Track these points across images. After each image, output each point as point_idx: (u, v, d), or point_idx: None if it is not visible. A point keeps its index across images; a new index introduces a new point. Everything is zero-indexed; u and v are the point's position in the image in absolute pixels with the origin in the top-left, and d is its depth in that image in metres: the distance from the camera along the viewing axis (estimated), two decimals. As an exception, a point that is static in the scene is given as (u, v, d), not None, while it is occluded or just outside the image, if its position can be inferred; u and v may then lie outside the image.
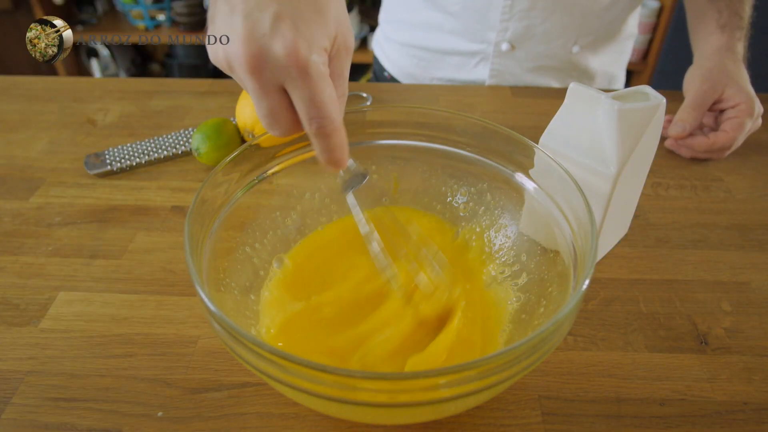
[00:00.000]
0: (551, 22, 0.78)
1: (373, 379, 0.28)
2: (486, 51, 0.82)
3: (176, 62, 2.07)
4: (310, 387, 0.29)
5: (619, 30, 0.84)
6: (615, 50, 0.87)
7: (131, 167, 0.62)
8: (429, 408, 0.31)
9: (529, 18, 0.78)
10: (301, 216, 0.49)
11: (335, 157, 0.34)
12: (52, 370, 0.41)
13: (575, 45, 0.81)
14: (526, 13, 0.77)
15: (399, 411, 0.32)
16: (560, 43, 0.81)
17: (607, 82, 0.89)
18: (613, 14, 0.80)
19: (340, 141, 0.33)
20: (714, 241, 0.54)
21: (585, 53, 0.83)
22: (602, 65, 0.87)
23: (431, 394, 0.29)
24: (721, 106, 0.65)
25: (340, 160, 0.34)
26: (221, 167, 0.40)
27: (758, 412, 0.39)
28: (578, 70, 0.85)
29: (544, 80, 0.86)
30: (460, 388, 0.29)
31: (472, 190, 0.49)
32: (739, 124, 0.63)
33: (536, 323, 0.39)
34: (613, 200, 0.45)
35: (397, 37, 0.90)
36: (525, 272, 0.44)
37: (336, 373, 0.28)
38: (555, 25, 0.79)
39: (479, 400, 0.35)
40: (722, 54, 0.68)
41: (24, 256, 0.51)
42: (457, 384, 0.29)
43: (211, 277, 0.38)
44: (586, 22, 0.79)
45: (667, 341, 0.44)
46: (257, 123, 0.59)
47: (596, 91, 0.43)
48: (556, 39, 0.80)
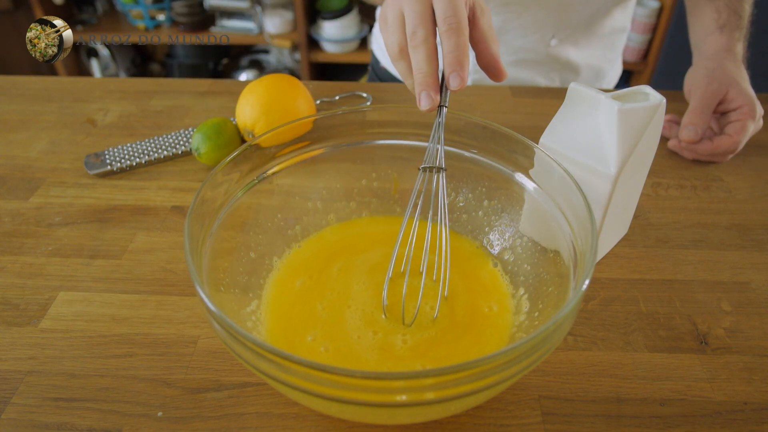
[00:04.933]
0: (527, 16, 0.79)
1: (373, 379, 0.28)
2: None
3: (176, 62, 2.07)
4: (310, 387, 0.29)
5: (602, 24, 0.83)
6: (601, 44, 0.86)
7: (131, 167, 0.62)
8: (429, 408, 0.31)
9: (506, 12, 0.79)
10: (302, 216, 0.49)
11: (459, 56, 0.40)
12: (52, 370, 0.41)
13: (553, 38, 0.81)
14: (503, 8, 0.78)
15: (399, 411, 0.32)
16: (537, 37, 0.81)
17: (594, 76, 0.89)
18: (592, 8, 0.79)
19: (464, 42, 0.40)
20: (714, 241, 0.54)
21: (565, 47, 0.83)
22: (586, 59, 0.86)
23: (431, 394, 0.29)
24: (724, 108, 0.65)
25: (462, 62, 0.40)
26: (221, 167, 0.40)
27: (758, 412, 0.39)
28: (560, 64, 0.85)
29: (526, 74, 0.86)
30: (460, 388, 0.29)
31: (472, 190, 0.49)
32: (742, 127, 0.63)
33: (536, 323, 0.39)
34: (613, 200, 0.45)
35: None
36: (525, 272, 0.44)
37: (336, 373, 0.28)
38: (531, 19, 0.79)
39: (479, 400, 0.35)
40: (722, 55, 0.68)
41: (24, 256, 0.51)
42: (457, 384, 0.29)
43: (211, 277, 0.38)
44: (563, 16, 0.79)
45: (667, 341, 0.44)
46: (257, 123, 0.59)
47: (596, 91, 0.43)
48: (533, 33, 0.81)
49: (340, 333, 0.40)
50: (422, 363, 0.38)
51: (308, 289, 0.44)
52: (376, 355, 0.39)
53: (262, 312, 0.42)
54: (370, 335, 0.40)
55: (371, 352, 0.39)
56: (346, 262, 0.46)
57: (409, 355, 0.39)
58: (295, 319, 0.42)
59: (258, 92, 0.60)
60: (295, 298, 0.43)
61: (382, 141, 0.49)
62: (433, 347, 0.39)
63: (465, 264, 0.47)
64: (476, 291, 0.44)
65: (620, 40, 0.90)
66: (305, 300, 0.43)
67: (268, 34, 1.90)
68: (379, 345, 0.39)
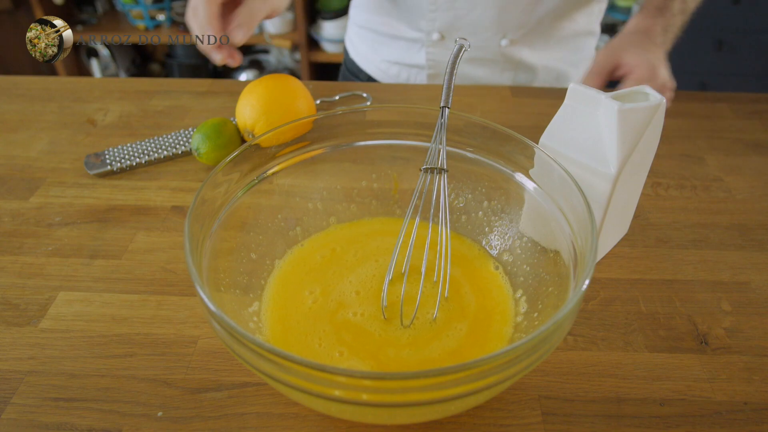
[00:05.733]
0: (476, 13, 0.79)
1: (373, 379, 0.28)
2: (423, 39, 0.84)
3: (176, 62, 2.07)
4: (310, 387, 0.29)
5: (560, 27, 0.83)
6: (561, 47, 0.85)
7: (131, 167, 0.62)
8: (429, 408, 0.31)
9: (455, 9, 0.79)
10: (302, 216, 0.49)
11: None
12: (52, 370, 0.41)
13: (504, 38, 0.81)
14: (451, 4, 0.79)
15: (399, 411, 0.32)
16: (488, 36, 0.81)
17: (554, 78, 0.88)
18: (543, 10, 0.79)
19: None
20: (714, 241, 0.54)
21: (519, 47, 0.83)
22: (544, 61, 0.86)
23: (431, 394, 0.29)
24: (622, 73, 0.64)
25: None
26: (221, 167, 0.40)
27: (758, 412, 0.39)
28: (513, 63, 0.85)
29: (481, 72, 0.86)
30: (460, 388, 0.29)
31: (472, 191, 0.49)
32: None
33: (536, 323, 0.39)
34: (613, 200, 0.45)
35: (357, 20, 0.94)
36: (525, 272, 0.44)
37: (336, 373, 0.28)
38: (480, 17, 0.80)
39: (479, 400, 0.35)
40: (633, 34, 0.67)
41: (24, 256, 0.51)
42: (457, 384, 0.29)
43: (211, 277, 0.38)
44: (512, 17, 0.79)
45: (667, 341, 0.44)
46: (257, 123, 0.59)
47: (596, 91, 0.43)
48: (483, 31, 0.81)
49: (341, 334, 0.40)
50: (422, 363, 0.38)
51: (309, 290, 0.44)
52: (376, 355, 0.39)
53: (263, 313, 0.42)
54: (370, 335, 0.40)
55: (371, 351, 0.39)
56: (347, 263, 0.46)
57: (409, 355, 0.39)
58: (296, 320, 0.42)
59: (258, 92, 0.60)
60: (296, 299, 0.43)
61: (382, 141, 0.49)
62: (433, 347, 0.39)
63: (465, 264, 0.47)
64: (476, 291, 0.44)
65: (586, 44, 0.89)
66: (306, 301, 0.43)
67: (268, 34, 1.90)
68: (379, 345, 0.39)
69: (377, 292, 0.43)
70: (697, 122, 0.74)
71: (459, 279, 0.45)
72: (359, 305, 0.42)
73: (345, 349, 0.39)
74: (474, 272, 0.46)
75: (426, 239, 0.43)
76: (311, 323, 0.41)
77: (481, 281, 0.45)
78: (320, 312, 0.42)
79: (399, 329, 0.41)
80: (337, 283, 0.44)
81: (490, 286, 0.45)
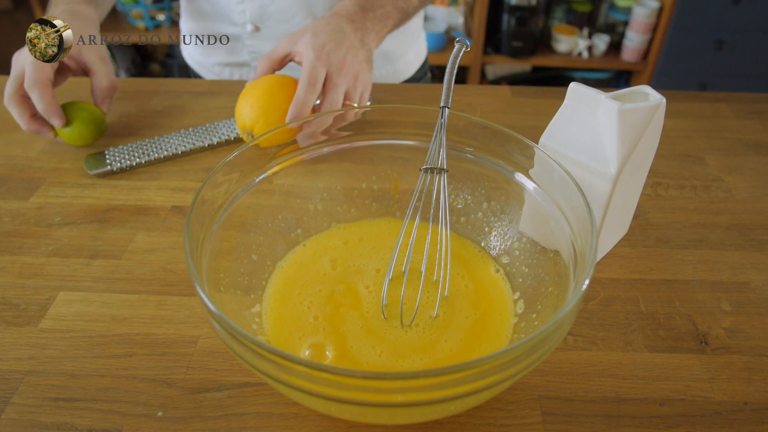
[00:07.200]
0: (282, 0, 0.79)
1: (373, 379, 0.28)
2: (240, 33, 0.85)
3: (176, 62, 2.07)
4: (310, 387, 0.29)
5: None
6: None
7: (131, 167, 0.62)
8: (429, 408, 0.31)
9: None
10: (302, 217, 0.49)
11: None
12: (52, 370, 0.41)
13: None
14: None
15: (399, 411, 0.32)
16: (298, 21, 0.81)
17: (383, 56, 0.88)
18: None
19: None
20: (714, 241, 0.54)
21: None
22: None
23: (431, 394, 0.29)
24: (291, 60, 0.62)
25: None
26: (221, 167, 0.40)
27: (758, 412, 0.39)
28: None
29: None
30: (460, 388, 0.29)
31: (471, 191, 0.49)
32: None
33: (536, 323, 0.39)
34: (613, 200, 0.45)
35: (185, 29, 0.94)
36: (524, 273, 0.44)
37: (336, 373, 0.28)
38: (286, 4, 0.80)
39: (479, 400, 0.35)
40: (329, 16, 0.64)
41: (24, 256, 0.51)
42: (457, 384, 0.29)
43: (211, 277, 0.38)
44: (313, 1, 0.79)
45: (667, 341, 0.44)
46: (256, 123, 0.59)
47: (596, 91, 0.43)
48: (292, 17, 0.81)
49: (341, 334, 0.40)
50: (422, 363, 0.38)
51: (310, 290, 0.44)
52: (375, 355, 0.39)
53: (264, 314, 0.42)
54: (370, 335, 0.40)
55: (371, 351, 0.39)
56: (347, 264, 0.46)
57: (409, 355, 0.39)
58: (297, 321, 0.42)
59: (257, 93, 0.60)
60: (296, 300, 0.43)
61: (382, 141, 0.49)
62: (433, 347, 0.39)
63: (465, 264, 0.47)
64: (476, 291, 0.44)
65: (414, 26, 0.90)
66: (306, 301, 0.43)
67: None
68: (379, 345, 0.39)
69: (377, 292, 0.43)
70: (697, 122, 0.74)
71: (459, 279, 0.45)
72: (360, 305, 0.42)
73: (346, 349, 0.39)
74: (474, 272, 0.46)
75: (426, 239, 0.43)
76: (312, 324, 0.41)
77: (481, 281, 0.45)
78: (321, 312, 0.42)
79: (399, 329, 0.41)
80: (338, 284, 0.44)
81: (491, 285, 0.45)
